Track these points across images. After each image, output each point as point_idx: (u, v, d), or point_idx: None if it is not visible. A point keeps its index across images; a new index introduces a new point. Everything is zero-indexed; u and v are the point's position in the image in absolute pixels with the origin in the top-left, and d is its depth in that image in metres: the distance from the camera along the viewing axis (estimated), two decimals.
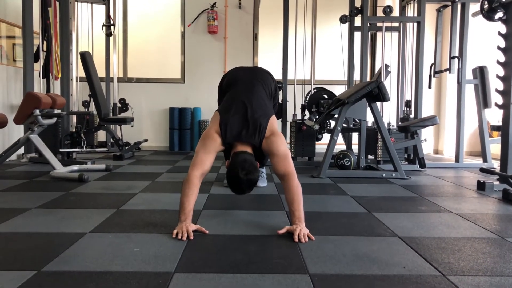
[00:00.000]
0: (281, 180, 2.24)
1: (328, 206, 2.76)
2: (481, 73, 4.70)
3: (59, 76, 4.98)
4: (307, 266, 1.65)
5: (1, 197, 2.90)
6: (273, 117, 2.42)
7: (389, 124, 4.89)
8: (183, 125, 6.30)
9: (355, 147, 4.88)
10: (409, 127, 4.15)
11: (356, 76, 5.09)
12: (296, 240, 1.94)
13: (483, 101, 4.72)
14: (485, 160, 4.70)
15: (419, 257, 1.78)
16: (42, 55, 4.83)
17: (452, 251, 1.86)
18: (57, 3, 4.98)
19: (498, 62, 3.41)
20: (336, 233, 2.14)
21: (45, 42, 4.83)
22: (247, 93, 2.52)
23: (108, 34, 5.85)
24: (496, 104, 3.44)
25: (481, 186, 3.34)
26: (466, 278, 1.55)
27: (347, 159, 4.22)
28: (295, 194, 2.14)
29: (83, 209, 2.58)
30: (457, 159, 4.80)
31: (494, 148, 4.97)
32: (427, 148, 6.09)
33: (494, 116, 5.11)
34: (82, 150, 4.74)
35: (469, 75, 4.81)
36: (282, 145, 2.29)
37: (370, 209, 2.65)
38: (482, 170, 3.72)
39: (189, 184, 2.14)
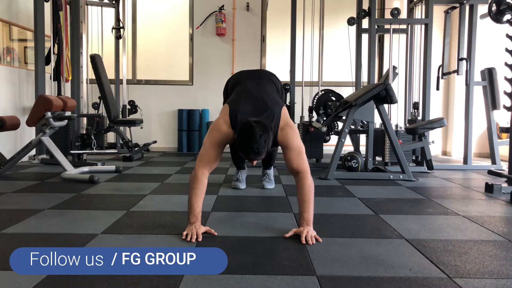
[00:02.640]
0: (294, 177, 2.21)
1: (336, 208, 2.78)
2: (489, 74, 4.68)
3: (70, 78, 5.05)
4: (315, 268, 1.68)
5: (14, 198, 2.96)
6: (285, 108, 2.33)
7: (396, 126, 4.89)
8: (191, 127, 6.34)
9: (362, 149, 4.89)
10: (417, 129, 4.15)
11: (364, 78, 5.10)
12: (304, 242, 1.97)
13: (492, 102, 4.70)
14: (493, 162, 4.68)
15: (425, 259, 1.79)
16: (53, 58, 4.90)
17: (459, 253, 1.88)
18: (68, 7, 5.05)
19: (506, 64, 3.41)
20: (343, 235, 2.16)
21: (56, 45, 4.90)
22: (256, 88, 2.43)
23: (118, 37, 5.92)
24: (505, 106, 3.43)
25: (489, 188, 3.33)
26: (472, 281, 1.57)
27: (355, 161, 4.23)
28: (306, 195, 2.13)
29: (94, 210, 2.63)
30: (465, 160, 4.79)
31: (503, 149, 4.95)
32: (435, 150, 6.08)
33: (503, 117, 5.09)
34: (92, 151, 4.80)
35: (477, 77, 4.80)
36: (297, 139, 2.24)
37: (377, 211, 2.67)
38: (490, 172, 3.72)
39: (197, 183, 2.12)
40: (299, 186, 2.17)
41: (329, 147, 4.79)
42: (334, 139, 4.58)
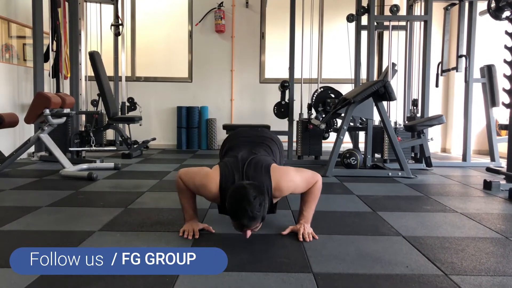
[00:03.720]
0: None
1: (334, 205, 2.78)
2: (489, 71, 4.67)
3: (68, 75, 5.04)
4: (311, 265, 1.68)
5: (12, 195, 2.97)
6: (273, 166, 2.02)
7: (395, 123, 4.88)
8: (190, 124, 6.34)
9: (362, 146, 4.89)
10: (416, 126, 4.14)
11: (363, 75, 5.09)
12: (301, 239, 1.97)
13: (491, 99, 4.70)
14: (492, 159, 4.68)
15: (422, 256, 1.80)
16: (51, 55, 4.89)
17: (456, 250, 1.88)
18: (67, 4, 5.04)
19: (505, 61, 3.40)
20: (340, 232, 2.17)
21: (54, 42, 4.89)
22: (247, 156, 2.09)
23: (117, 34, 5.91)
24: (503, 103, 3.43)
25: (487, 186, 3.33)
26: (468, 278, 1.57)
27: (354, 158, 4.23)
28: (312, 197, 2.10)
29: (92, 207, 2.64)
30: (464, 158, 4.79)
31: (503, 146, 4.94)
32: (434, 147, 6.08)
33: (503, 114, 5.08)
34: (91, 148, 4.80)
35: (476, 74, 4.79)
36: (295, 179, 2.03)
37: (375, 208, 2.67)
38: (489, 169, 3.72)
39: (181, 188, 2.07)
40: (308, 190, 2.10)
41: (328, 144, 4.78)
42: (333, 136, 4.58)
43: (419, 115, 4.77)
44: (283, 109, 4.86)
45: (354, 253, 1.82)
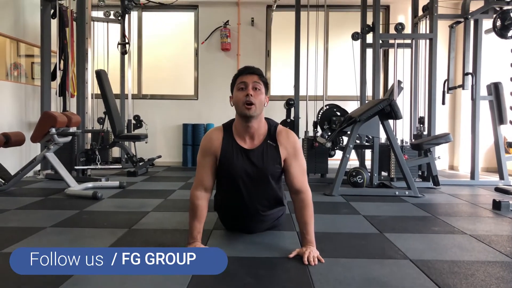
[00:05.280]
0: (294, 195, 2.17)
1: (340, 226, 2.74)
2: (496, 89, 4.64)
3: (75, 94, 5.09)
4: None
5: (17, 215, 2.96)
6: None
7: (402, 141, 4.85)
8: (196, 141, 6.34)
9: (368, 163, 4.85)
10: (422, 144, 4.11)
11: (369, 92, 5.07)
12: (306, 262, 1.93)
13: (499, 117, 4.65)
14: (501, 177, 4.61)
15: (430, 282, 1.75)
16: (59, 74, 4.94)
17: (465, 276, 1.83)
18: (74, 23, 5.11)
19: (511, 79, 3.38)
20: (346, 255, 2.12)
21: (62, 61, 4.95)
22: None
23: (123, 52, 5.97)
24: (511, 122, 3.39)
25: (496, 206, 3.27)
26: None
27: (360, 176, 4.19)
28: (309, 216, 2.10)
29: (96, 228, 2.61)
30: (472, 176, 4.72)
31: (511, 164, 4.89)
32: (442, 164, 6.02)
33: (511, 132, 5.03)
34: (97, 167, 4.80)
35: (483, 91, 4.76)
36: (302, 152, 2.22)
37: (382, 229, 2.62)
38: (497, 189, 3.67)
39: (191, 205, 2.12)
40: (302, 206, 2.12)
41: (334, 162, 4.75)
42: (339, 153, 4.55)
43: (425, 133, 4.74)
44: (289, 127, 4.85)
45: (360, 278, 1.78)
